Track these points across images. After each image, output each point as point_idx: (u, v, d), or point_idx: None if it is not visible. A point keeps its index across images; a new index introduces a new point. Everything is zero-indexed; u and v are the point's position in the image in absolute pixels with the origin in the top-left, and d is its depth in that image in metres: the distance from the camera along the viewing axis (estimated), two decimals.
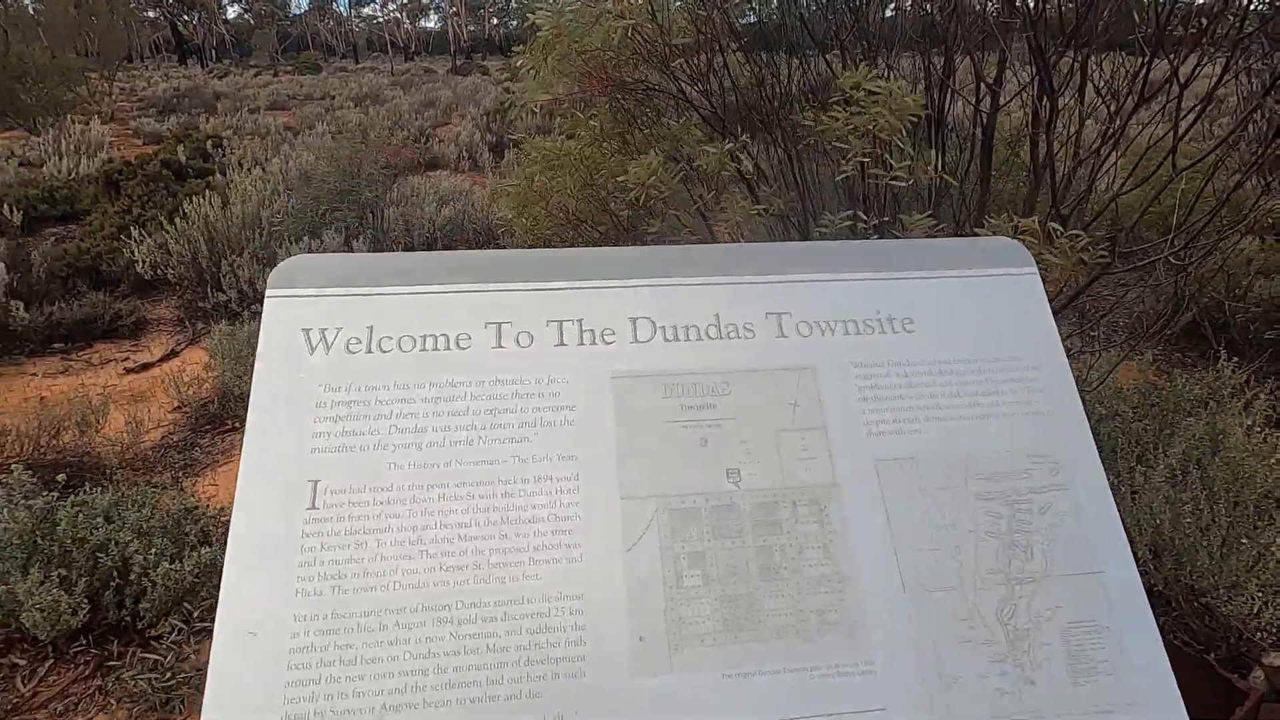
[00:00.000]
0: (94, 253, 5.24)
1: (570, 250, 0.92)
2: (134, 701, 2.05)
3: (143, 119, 12.98)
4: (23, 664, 2.16)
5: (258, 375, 0.81)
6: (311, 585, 0.72)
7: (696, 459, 0.81)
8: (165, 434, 3.46)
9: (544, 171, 2.20)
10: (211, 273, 4.79)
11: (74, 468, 2.93)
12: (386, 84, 20.79)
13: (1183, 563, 2.03)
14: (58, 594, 2.04)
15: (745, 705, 0.72)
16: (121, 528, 2.25)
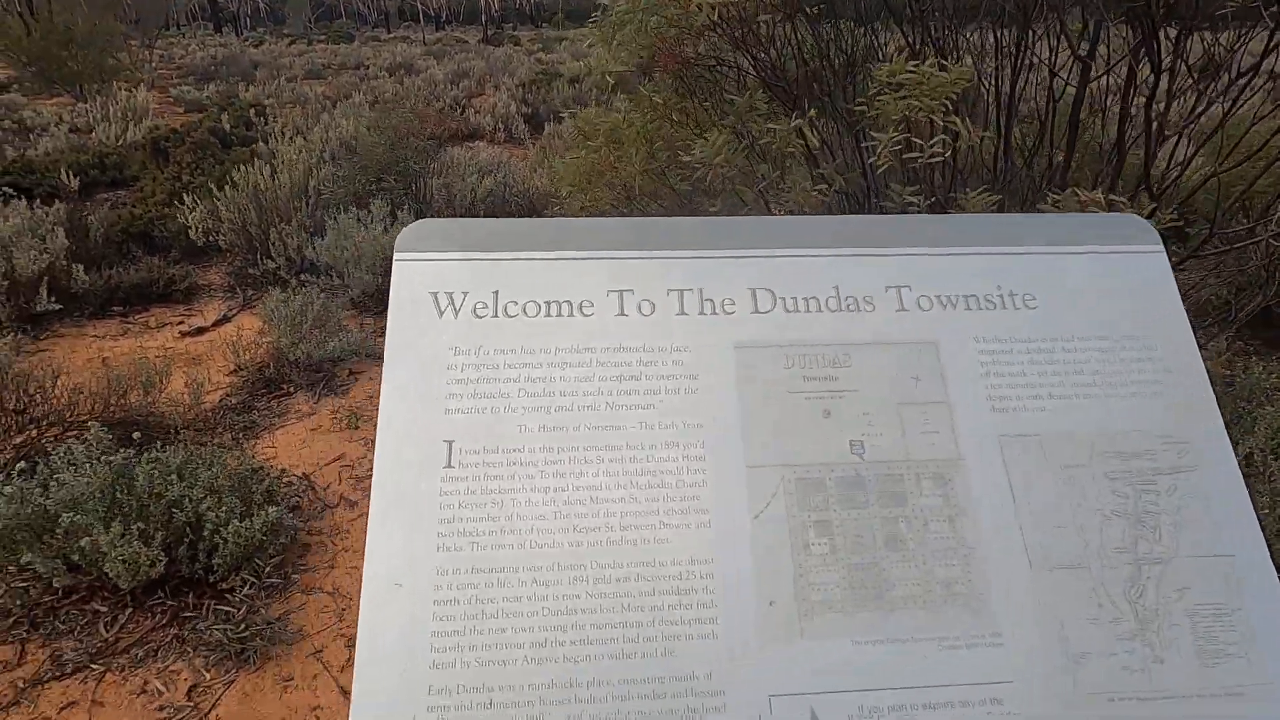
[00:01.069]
0: (146, 218, 5.35)
1: (689, 220, 0.92)
2: (210, 650, 2.14)
3: (183, 86, 13.12)
4: (104, 611, 2.26)
5: (391, 336, 0.83)
6: (451, 541, 0.75)
7: (820, 429, 0.82)
8: (223, 396, 3.55)
9: (606, 145, 2.19)
10: (260, 240, 4.86)
11: (140, 427, 3.02)
12: (419, 54, 20.71)
13: None
14: (138, 546, 2.12)
15: (875, 672, 0.73)
16: (194, 485, 2.33)
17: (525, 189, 5.85)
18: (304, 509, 2.74)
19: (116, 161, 7.26)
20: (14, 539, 2.16)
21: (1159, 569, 0.78)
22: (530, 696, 0.70)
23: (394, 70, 16.08)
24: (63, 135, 7.99)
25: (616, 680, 0.71)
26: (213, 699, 2.01)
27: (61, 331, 4.20)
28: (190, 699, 2.01)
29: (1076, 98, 1.70)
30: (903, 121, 1.69)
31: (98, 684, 2.05)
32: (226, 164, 6.42)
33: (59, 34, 11.63)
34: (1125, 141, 1.78)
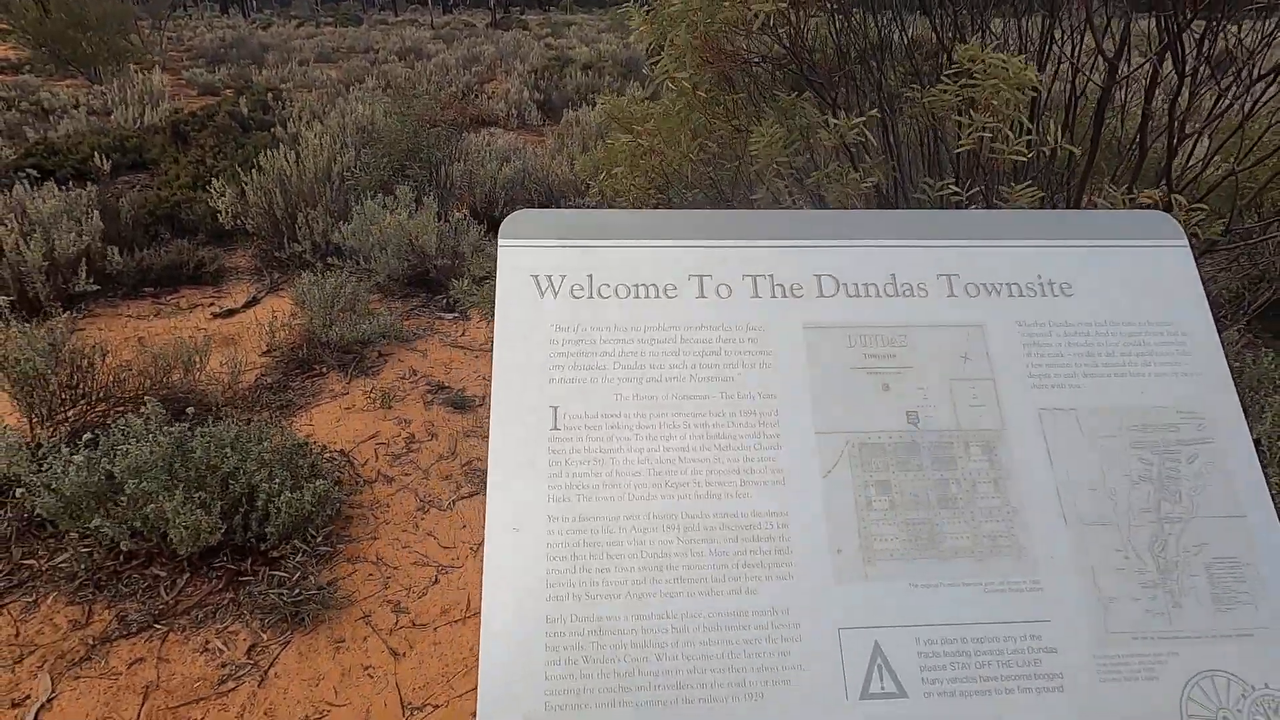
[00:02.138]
0: (172, 201, 5.44)
1: (760, 213, 1.02)
2: (265, 613, 2.26)
3: (194, 69, 13.14)
4: (163, 576, 2.38)
5: (499, 314, 0.93)
6: (560, 493, 0.85)
7: (880, 401, 0.92)
8: (258, 376, 3.66)
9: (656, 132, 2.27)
10: (287, 223, 4.96)
11: (183, 404, 3.13)
12: (428, 38, 20.64)
13: None
14: (200, 514, 2.24)
15: (930, 610, 0.84)
16: (247, 458, 2.44)
17: (544, 176, 5.92)
18: (344, 484, 2.86)
19: (137, 145, 7.33)
20: (80, 506, 2.29)
21: (1179, 527, 0.88)
22: (633, 625, 0.81)
23: (404, 55, 16.06)
24: (82, 118, 8.06)
25: (706, 614, 0.82)
26: (270, 657, 2.13)
27: (97, 311, 4.31)
28: (250, 657, 2.14)
29: (1101, 97, 1.78)
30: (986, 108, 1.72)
31: (162, 642, 2.18)
32: (248, 148, 6.49)
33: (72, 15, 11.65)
34: (1147, 139, 1.86)
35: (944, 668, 0.81)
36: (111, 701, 1.98)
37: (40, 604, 2.28)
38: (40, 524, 2.49)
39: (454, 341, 4.14)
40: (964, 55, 1.70)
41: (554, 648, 0.79)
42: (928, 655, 0.82)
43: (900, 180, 2.38)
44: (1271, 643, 0.84)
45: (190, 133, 7.70)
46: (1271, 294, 3.11)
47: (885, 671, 0.80)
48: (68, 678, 2.07)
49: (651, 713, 0.77)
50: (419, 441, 3.22)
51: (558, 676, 0.78)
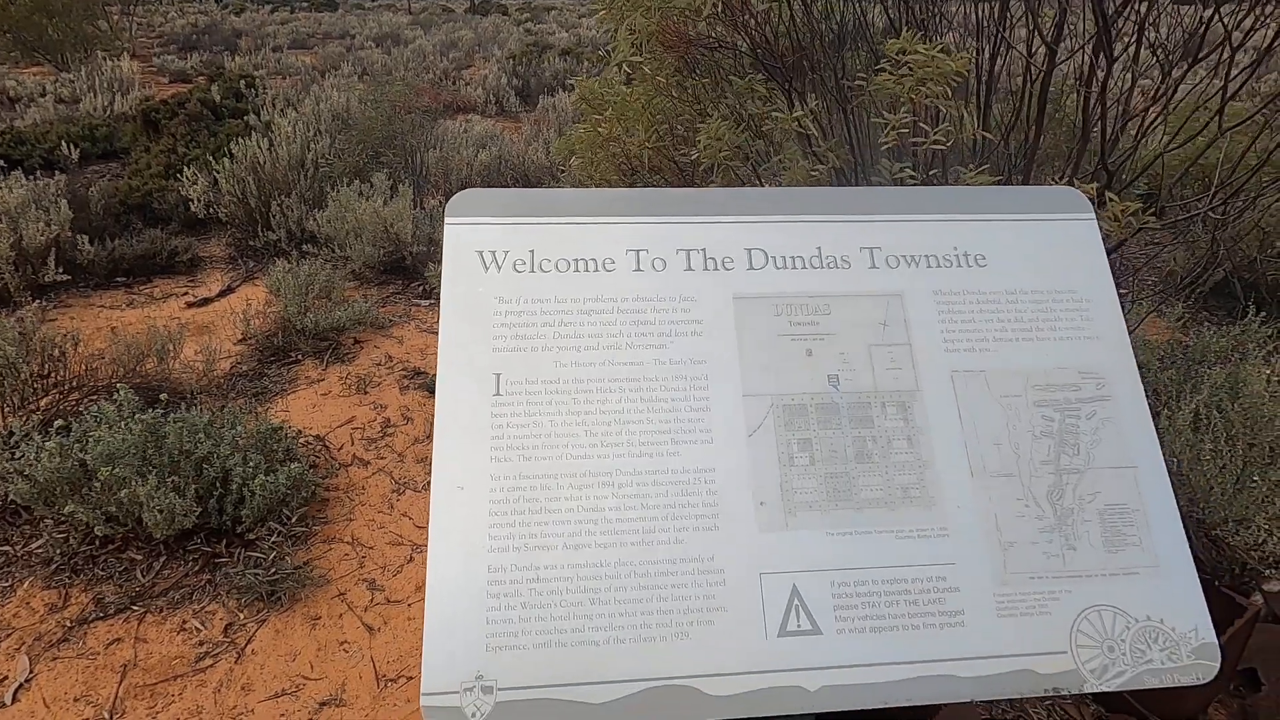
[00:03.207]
0: (144, 190, 5.39)
1: (693, 190, 1.08)
2: (241, 593, 2.30)
3: (165, 56, 12.91)
4: (140, 559, 2.42)
5: (445, 288, 0.98)
6: (502, 454, 0.91)
7: (804, 366, 0.99)
8: (234, 364, 3.68)
9: (615, 119, 2.32)
10: (261, 212, 4.94)
11: (156, 392, 3.15)
12: (405, 23, 20.37)
13: (1197, 500, 2.21)
14: (173, 497, 2.28)
15: (845, 556, 0.91)
16: (220, 443, 2.48)
17: (521, 163, 5.93)
18: (320, 467, 2.90)
19: (107, 133, 7.23)
20: (54, 492, 2.31)
21: (1076, 477, 0.96)
22: (569, 574, 0.87)
23: (381, 40, 15.87)
24: (50, 106, 7.92)
25: (637, 562, 0.88)
26: (247, 635, 2.18)
27: (69, 302, 4.29)
28: (226, 635, 2.18)
29: (1043, 82, 1.85)
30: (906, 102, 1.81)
31: (139, 623, 2.22)
32: (221, 136, 6.43)
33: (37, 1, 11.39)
34: (1089, 123, 1.94)
35: (856, 607, 0.88)
36: (89, 680, 2.03)
37: (17, 589, 2.31)
38: (15, 510, 2.51)
39: (430, 327, 4.17)
40: (892, 48, 1.76)
41: (495, 595, 0.85)
42: (841, 596, 0.89)
43: (860, 165, 2.44)
44: (1155, 579, 0.92)
45: (161, 121, 7.59)
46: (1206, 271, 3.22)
47: (802, 611, 0.87)
48: (45, 658, 2.10)
49: (585, 652, 0.84)
50: (394, 426, 3.27)
51: (499, 621, 0.84)
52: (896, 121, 1.81)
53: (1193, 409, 2.23)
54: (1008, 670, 0.87)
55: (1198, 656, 0.90)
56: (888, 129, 1.86)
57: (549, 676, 0.82)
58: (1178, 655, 0.90)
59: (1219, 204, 1.75)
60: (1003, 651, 0.87)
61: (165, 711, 1.96)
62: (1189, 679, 0.89)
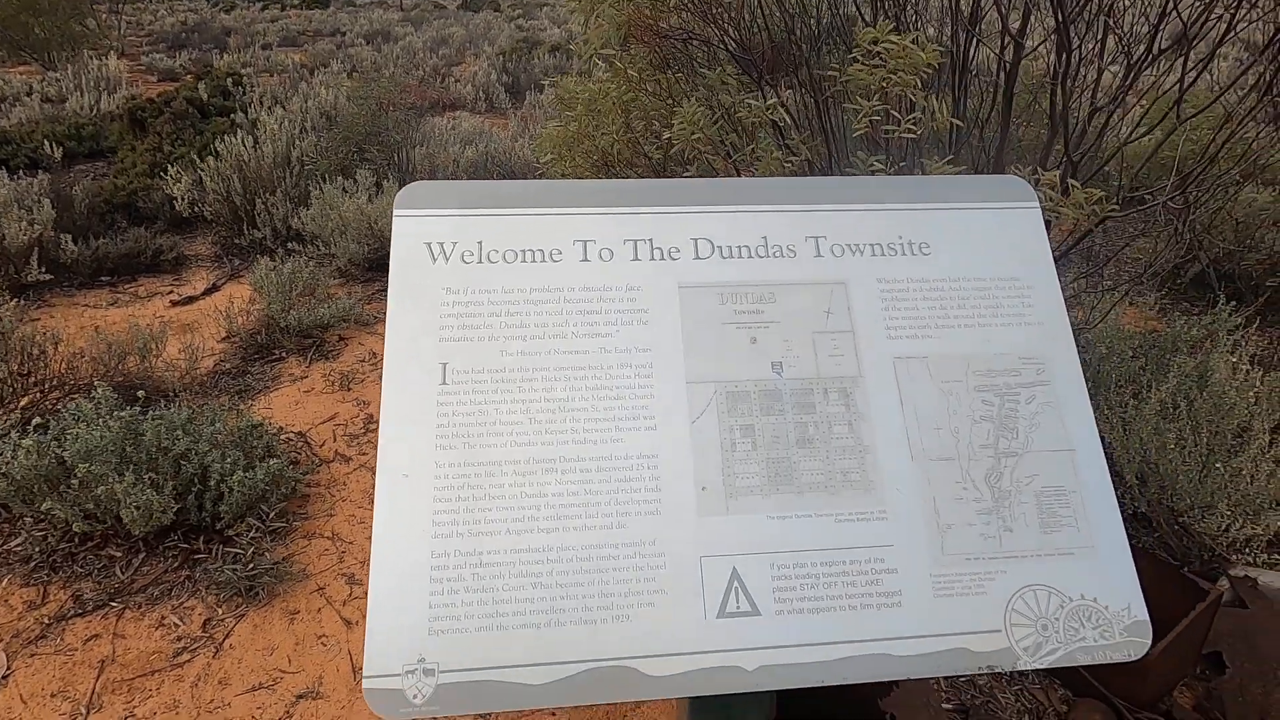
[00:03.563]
0: (129, 189, 5.38)
1: (640, 181, 1.09)
2: (220, 589, 2.32)
3: (154, 55, 12.84)
4: (119, 555, 2.43)
5: (393, 280, 0.99)
6: (448, 441, 0.92)
7: (747, 353, 1.00)
8: (217, 362, 3.68)
9: (585, 114, 2.32)
10: (246, 210, 4.94)
11: (138, 390, 3.15)
12: (397, 20, 20.29)
13: (1165, 487, 2.23)
14: (151, 494, 2.29)
15: (785, 539, 0.92)
16: (199, 440, 2.49)
17: (507, 159, 5.93)
18: (302, 463, 2.91)
19: (93, 132, 7.21)
20: (32, 490, 2.32)
21: (1014, 461, 0.98)
22: (511, 558, 0.88)
23: (371, 38, 15.81)
24: (36, 105, 7.89)
25: (579, 546, 0.90)
26: (225, 630, 2.20)
27: (52, 301, 4.29)
28: (205, 630, 2.20)
29: (1010, 74, 1.87)
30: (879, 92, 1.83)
31: (118, 619, 2.23)
32: (206, 134, 6.41)
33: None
34: (1055, 114, 1.96)
35: (795, 589, 0.90)
36: (67, 676, 2.04)
37: None
38: None
39: None
40: (864, 38, 1.78)
41: (438, 579, 0.87)
42: (781, 579, 0.90)
43: (834, 156, 2.46)
44: (1090, 559, 0.94)
45: (148, 119, 7.57)
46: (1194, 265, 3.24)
47: (741, 593, 0.89)
48: (24, 655, 2.11)
49: (526, 635, 0.85)
50: (377, 422, 3.27)
51: (441, 605, 0.86)
52: (869, 109, 1.82)
53: (1160, 398, 2.25)
54: (943, 649, 0.89)
55: (1130, 634, 0.92)
56: (860, 116, 1.87)
57: (490, 659, 0.84)
58: (1110, 633, 0.92)
59: (1177, 193, 1.76)
60: (938, 631, 0.89)
61: (142, 706, 1.97)
62: (1120, 655, 0.91)
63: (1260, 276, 3.29)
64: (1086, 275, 2.51)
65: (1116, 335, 2.57)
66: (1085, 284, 2.63)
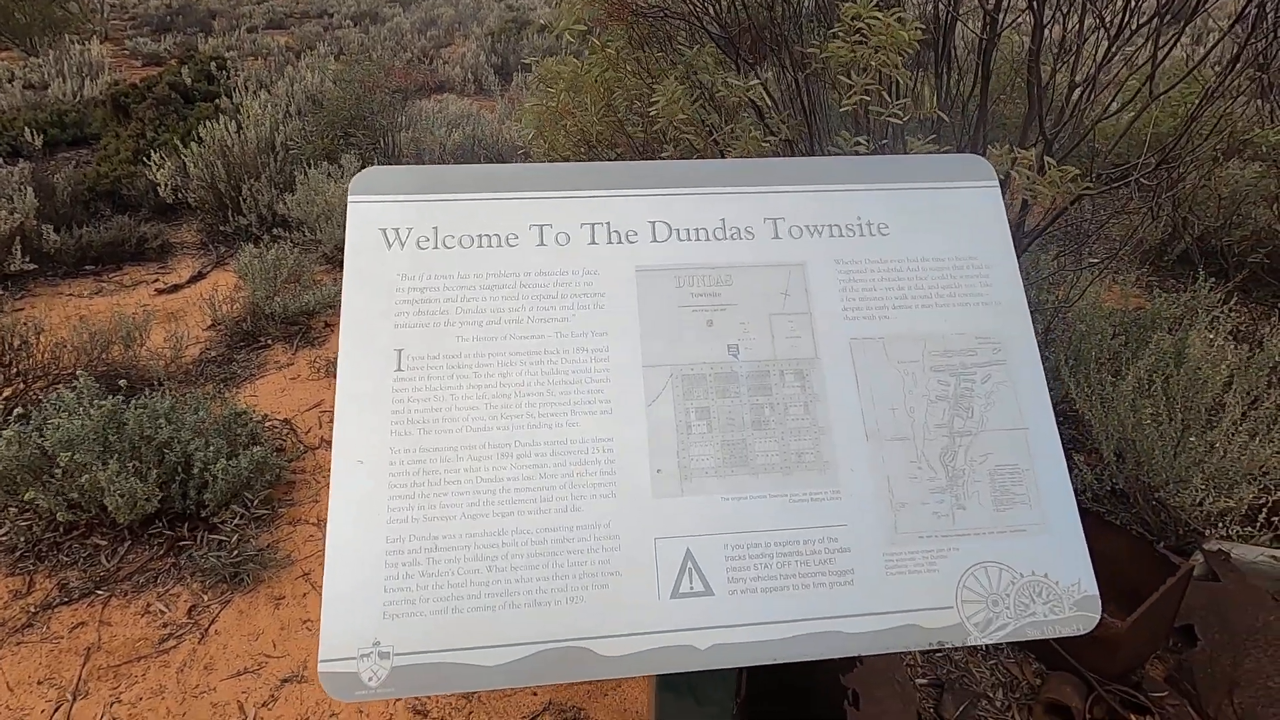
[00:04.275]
0: (113, 176, 5.33)
1: (598, 164, 1.09)
2: (205, 576, 2.33)
3: (138, 39, 12.65)
4: (104, 544, 2.44)
5: (348, 266, 0.99)
6: (403, 427, 0.93)
7: (704, 336, 1.00)
8: (203, 350, 3.67)
9: (565, 92, 2.30)
10: (231, 196, 4.90)
11: (124, 378, 3.15)
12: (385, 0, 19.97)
13: (1141, 464, 2.25)
14: (134, 482, 2.30)
15: (739, 520, 0.93)
16: (181, 428, 2.49)
17: (494, 142, 5.88)
18: (287, 450, 2.92)
19: (76, 119, 7.13)
20: (15, 480, 2.32)
21: (969, 440, 0.98)
22: (466, 543, 0.89)
23: (359, 19, 15.58)
24: (17, 92, 7.78)
25: (534, 529, 0.90)
26: (211, 616, 2.21)
27: (36, 291, 4.26)
28: (191, 617, 2.22)
29: (986, 51, 1.85)
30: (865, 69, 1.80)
31: (104, 607, 2.24)
32: (190, 120, 6.34)
33: None
34: (1032, 91, 1.94)
35: (748, 569, 0.91)
36: (53, 663, 2.06)
37: None
38: None
39: None
40: (848, 13, 1.75)
41: (393, 564, 0.87)
42: (734, 559, 0.91)
43: (815, 136, 2.44)
44: (1041, 536, 0.95)
45: (131, 105, 7.48)
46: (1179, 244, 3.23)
47: (695, 574, 0.90)
48: (9, 644, 2.13)
49: (481, 618, 0.86)
50: None
51: (396, 589, 0.87)
52: (860, 85, 1.80)
53: (1137, 375, 2.26)
54: (894, 625, 0.90)
55: (1079, 608, 0.94)
56: (850, 93, 1.85)
57: (444, 641, 0.85)
58: (1060, 608, 0.93)
59: (1155, 169, 1.76)
60: (890, 608, 0.90)
61: (128, 692, 1.99)
62: (1069, 630, 0.93)
63: (1243, 253, 3.28)
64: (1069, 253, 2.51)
65: (1097, 313, 2.58)
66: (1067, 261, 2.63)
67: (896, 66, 1.61)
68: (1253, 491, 2.03)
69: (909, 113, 1.64)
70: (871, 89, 1.65)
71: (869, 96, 1.66)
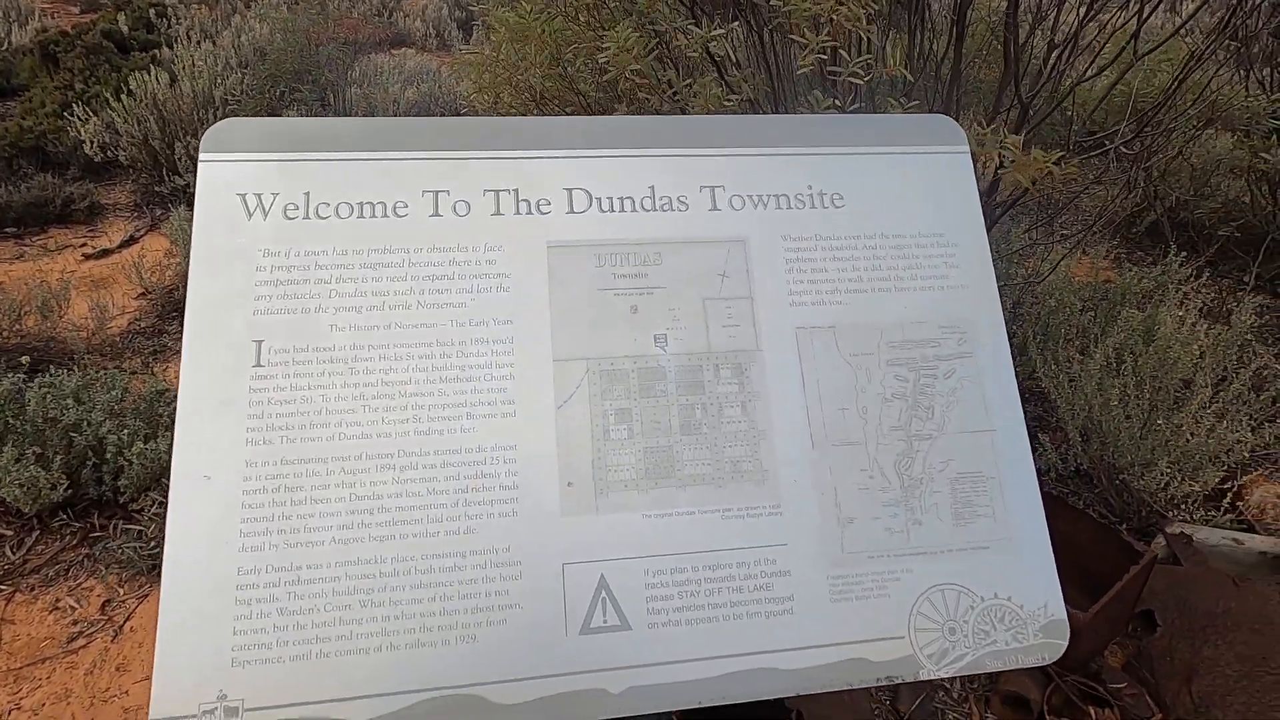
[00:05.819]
0: (37, 131, 4.95)
1: (508, 119, 0.92)
2: (121, 567, 2.17)
3: None
4: (9, 534, 2.25)
5: (196, 239, 0.82)
6: (261, 435, 0.78)
7: (626, 325, 0.86)
8: (131, 321, 3.43)
9: (510, 43, 2.10)
10: (165, 155, 4.58)
11: (38, 353, 2.92)
12: None
13: (1106, 444, 2.18)
14: (35, 470, 2.10)
15: (662, 540, 0.81)
16: (92, 409, 2.29)
17: (453, 99, 5.58)
18: None
19: (3, 69, 6.64)
20: None
21: (928, 444, 0.86)
22: (336, 573, 0.75)
23: None
24: None
25: (419, 556, 0.77)
26: (126, 612, 2.06)
27: None
28: (104, 613, 2.05)
29: (960, 9, 1.70)
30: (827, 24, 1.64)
31: (7, 603, 2.07)
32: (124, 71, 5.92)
33: None
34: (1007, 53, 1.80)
35: (671, 597, 0.79)
36: None
37: None
38: None
39: None
40: None
41: (245, 600, 0.73)
42: (655, 586, 0.79)
43: (780, 95, 2.27)
44: (1006, 553, 0.85)
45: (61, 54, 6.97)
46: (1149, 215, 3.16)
47: (610, 604, 0.77)
48: None
49: (351, 662, 0.73)
50: None
51: (247, 631, 0.73)
52: (816, 44, 1.64)
53: (1106, 354, 2.18)
54: (837, 659, 0.79)
55: (1045, 635, 0.83)
56: (806, 51, 1.69)
57: (306, 692, 0.72)
58: (1024, 635, 0.82)
59: (1133, 137, 1.64)
60: (833, 640, 0.79)
61: (30, 697, 1.84)
62: (1033, 660, 0.82)
63: (1214, 225, 3.22)
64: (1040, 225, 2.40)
65: (1067, 288, 2.49)
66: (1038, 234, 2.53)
67: (860, 21, 1.45)
68: (1218, 474, 1.97)
69: (872, 72, 1.48)
70: (831, 46, 1.49)
71: (825, 56, 1.50)
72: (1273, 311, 3.13)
